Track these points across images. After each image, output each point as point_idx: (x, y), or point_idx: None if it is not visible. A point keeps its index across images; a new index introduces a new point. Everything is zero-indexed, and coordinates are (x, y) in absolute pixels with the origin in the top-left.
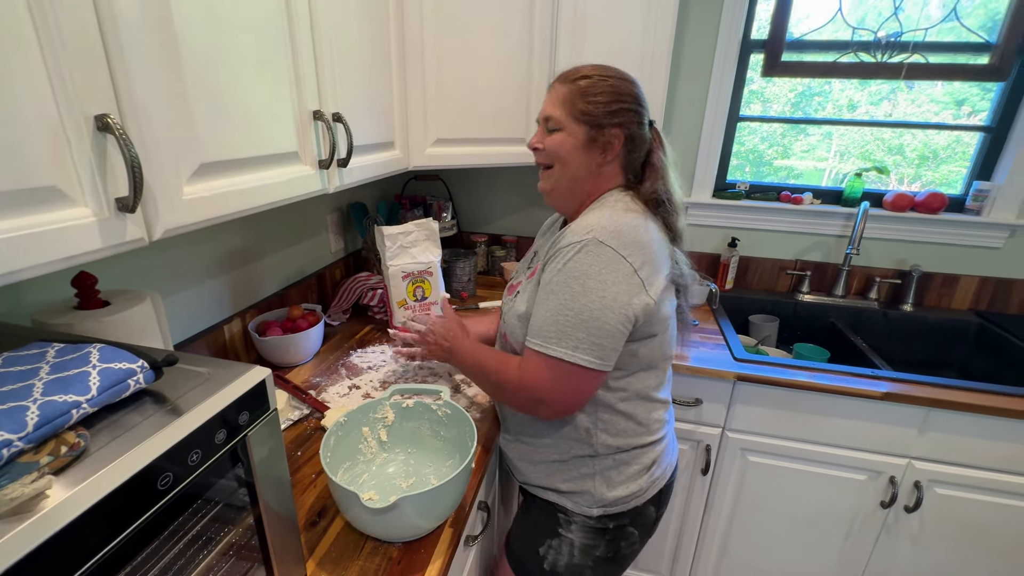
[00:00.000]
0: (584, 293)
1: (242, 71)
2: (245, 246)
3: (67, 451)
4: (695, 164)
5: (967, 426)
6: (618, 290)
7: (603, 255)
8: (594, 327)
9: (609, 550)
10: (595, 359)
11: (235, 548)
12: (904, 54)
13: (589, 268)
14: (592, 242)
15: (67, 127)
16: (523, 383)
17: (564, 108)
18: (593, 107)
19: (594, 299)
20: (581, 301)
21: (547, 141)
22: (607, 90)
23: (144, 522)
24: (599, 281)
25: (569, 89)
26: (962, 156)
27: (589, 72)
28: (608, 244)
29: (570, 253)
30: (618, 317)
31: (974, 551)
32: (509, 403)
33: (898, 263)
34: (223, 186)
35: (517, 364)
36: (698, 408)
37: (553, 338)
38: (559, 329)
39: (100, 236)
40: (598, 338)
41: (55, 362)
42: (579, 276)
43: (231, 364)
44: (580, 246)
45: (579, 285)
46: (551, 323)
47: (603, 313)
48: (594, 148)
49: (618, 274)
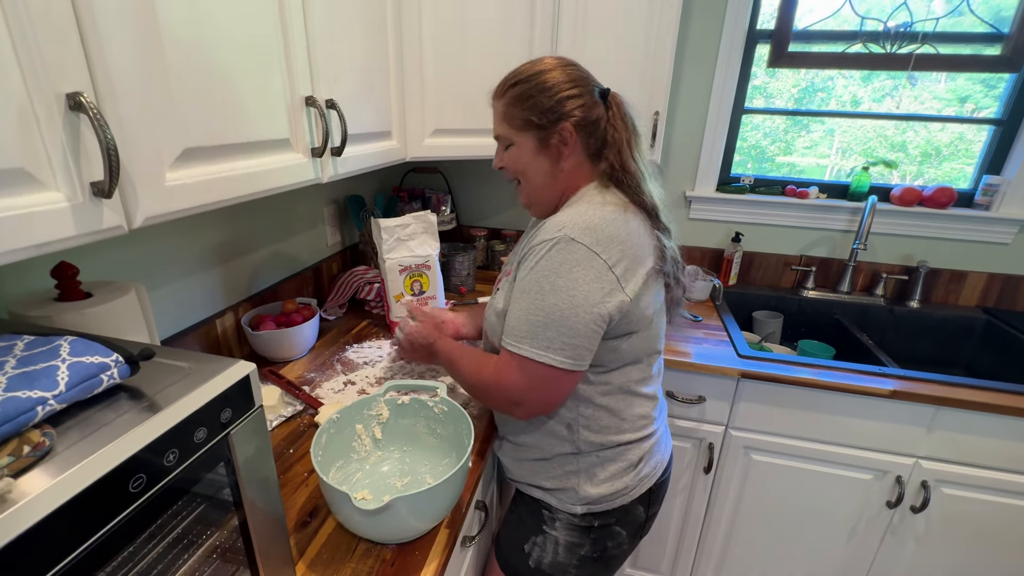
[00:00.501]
0: (554, 292)
1: (228, 51)
2: (238, 237)
3: (30, 451)
4: (699, 157)
5: (976, 425)
6: (589, 288)
7: (574, 252)
8: (564, 327)
9: (595, 549)
10: (567, 359)
11: (219, 550)
12: (914, 44)
13: (559, 266)
14: (563, 239)
15: (35, 105)
16: (499, 384)
17: (507, 122)
18: (530, 111)
19: (564, 298)
20: (551, 300)
21: (505, 158)
22: (540, 87)
23: (114, 527)
24: (569, 279)
25: (505, 102)
26: (965, 153)
27: (518, 76)
28: (580, 241)
29: (542, 251)
30: (590, 316)
31: (981, 552)
32: (487, 403)
33: (905, 259)
34: (209, 173)
35: (493, 364)
36: (701, 406)
37: (525, 338)
38: (530, 329)
39: (74, 222)
40: (569, 338)
41: (22, 355)
42: (549, 274)
43: (214, 359)
44: (552, 243)
45: (549, 284)
46: (523, 323)
47: (573, 312)
48: (548, 150)
49: (589, 271)
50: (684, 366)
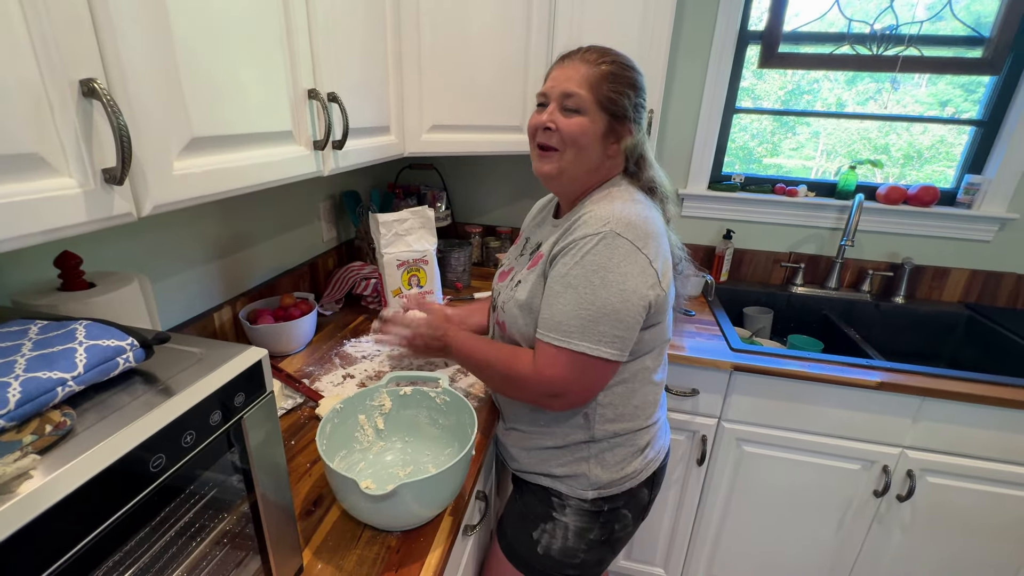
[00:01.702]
0: (604, 286)
1: (234, 43)
2: (236, 232)
3: (52, 430)
4: (691, 155)
5: (960, 415)
6: (636, 283)
7: (621, 248)
8: (615, 319)
9: (603, 533)
10: (616, 351)
11: (229, 536)
12: (899, 47)
13: (608, 261)
14: (610, 235)
15: (49, 91)
16: (540, 377)
17: (592, 91)
18: (620, 97)
19: (615, 292)
20: (602, 295)
21: (564, 123)
22: (631, 82)
23: (134, 506)
24: (619, 274)
25: (593, 71)
26: (946, 156)
27: (616, 56)
28: (625, 236)
29: (587, 245)
30: (636, 309)
31: (965, 539)
32: (517, 396)
33: (890, 256)
34: (215, 163)
35: (530, 358)
36: (694, 398)
37: (576, 332)
38: (581, 324)
39: (86, 209)
40: (620, 330)
41: (38, 339)
42: (598, 269)
43: (225, 344)
44: (598, 238)
45: (599, 279)
46: (571, 317)
47: (624, 306)
48: (609, 139)
49: (635, 266)
50: (678, 359)
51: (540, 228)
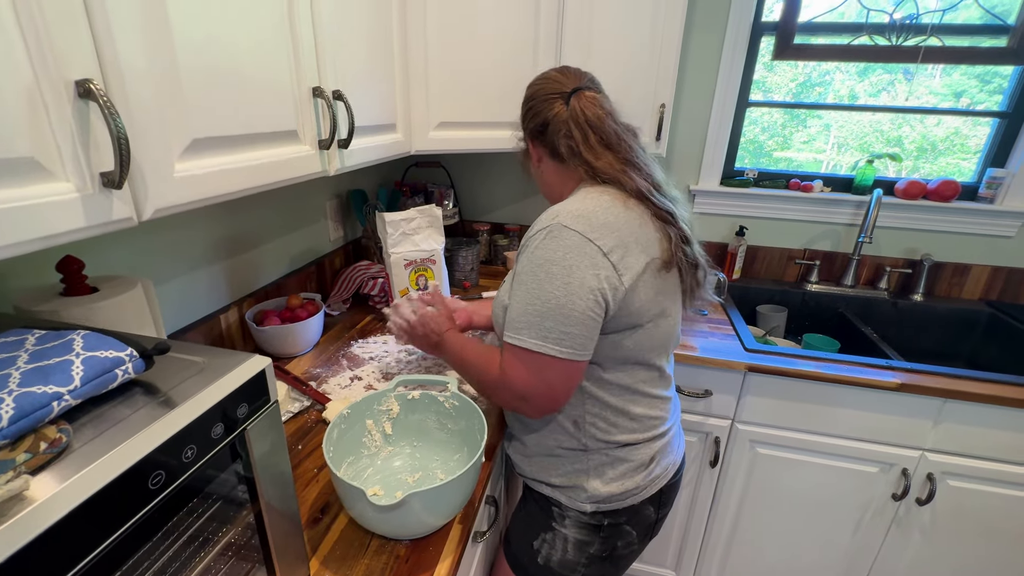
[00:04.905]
0: (549, 280)
1: (237, 41)
2: (241, 232)
3: (47, 447)
4: (703, 151)
5: (983, 417)
6: (584, 275)
7: (568, 239)
8: (560, 315)
9: (604, 548)
10: (566, 348)
11: (234, 548)
12: (919, 37)
13: (553, 254)
14: (556, 227)
15: (44, 92)
16: (504, 379)
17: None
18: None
19: (559, 285)
20: (547, 289)
21: None
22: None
23: (134, 525)
24: (563, 267)
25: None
26: (961, 148)
27: None
28: (573, 228)
29: (536, 240)
30: (585, 303)
31: (987, 544)
32: (496, 401)
33: (908, 252)
34: (218, 164)
35: (499, 360)
36: (707, 400)
37: (524, 329)
38: (528, 320)
39: (84, 214)
40: (566, 326)
41: (35, 350)
42: (543, 263)
43: (228, 353)
44: (545, 232)
45: (544, 272)
46: (521, 314)
47: (569, 300)
48: (530, 159)
49: (583, 258)
50: (690, 360)
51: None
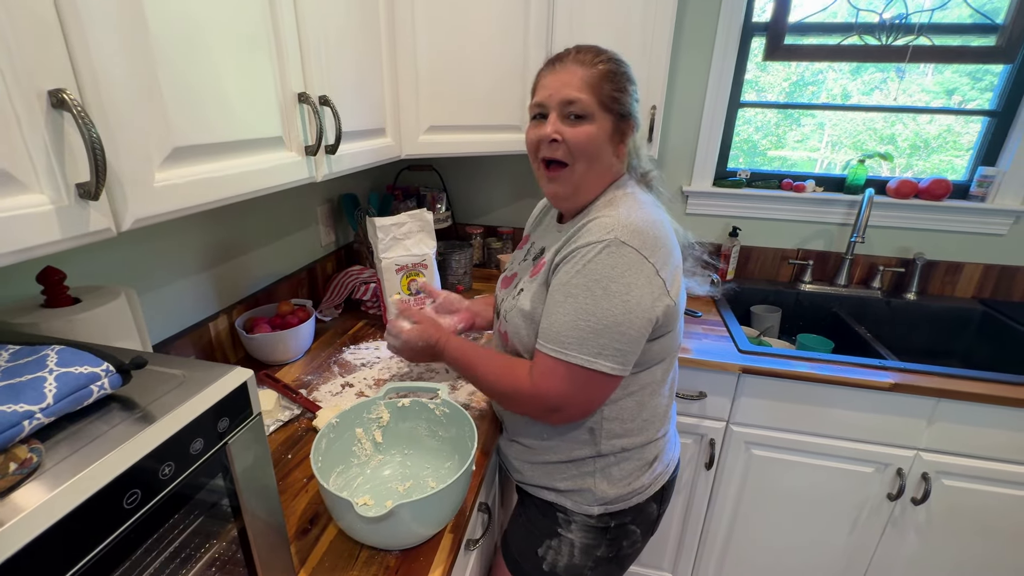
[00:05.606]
0: (607, 297)
1: (218, 46)
2: (230, 239)
3: (16, 468)
4: (695, 151)
5: (977, 416)
6: (641, 293)
7: (625, 256)
8: (617, 332)
9: (611, 550)
10: (616, 365)
11: (219, 563)
12: (909, 36)
13: (611, 271)
14: (614, 243)
15: (15, 103)
16: (537, 391)
17: (592, 92)
18: (622, 94)
19: (617, 303)
20: (603, 306)
21: (570, 132)
22: (629, 77)
23: (108, 546)
24: (622, 284)
25: (591, 72)
26: (953, 146)
27: (607, 53)
28: (630, 244)
29: (590, 254)
30: (641, 322)
31: (982, 542)
32: (516, 410)
33: (901, 251)
34: (200, 172)
35: (527, 370)
36: (702, 402)
37: (573, 344)
38: (579, 335)
39: (59, 226)
40: (621, 344)
41: (7, 367)
42: (600, 279)
43: (209, 365)
44: (602, 246)
45: (601, 289)
46: (570, 328)
47: (627, 318)
48: (615, 140)
49: (640, 276)
50: (685, 362)
51: (544, 232)
